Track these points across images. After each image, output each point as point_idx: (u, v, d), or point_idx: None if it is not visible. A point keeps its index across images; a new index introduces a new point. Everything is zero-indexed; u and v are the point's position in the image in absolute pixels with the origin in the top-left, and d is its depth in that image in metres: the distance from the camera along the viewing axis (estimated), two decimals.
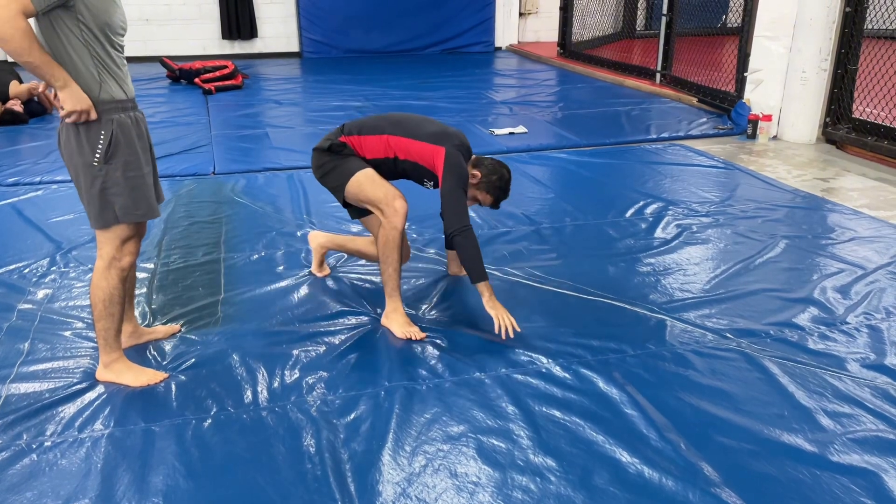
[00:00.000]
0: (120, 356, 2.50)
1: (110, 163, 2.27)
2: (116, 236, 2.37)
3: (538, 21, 11.77)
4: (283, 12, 10.47)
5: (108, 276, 2.39)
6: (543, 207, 4.28)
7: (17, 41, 2.06)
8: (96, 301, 2.41)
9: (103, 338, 2.46)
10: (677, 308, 3.04)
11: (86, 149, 2.25)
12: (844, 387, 2.48)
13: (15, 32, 2.06)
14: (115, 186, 2.30)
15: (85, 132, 2.23)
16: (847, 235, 3.82)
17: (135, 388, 2.46)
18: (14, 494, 2.00)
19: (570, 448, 2.18)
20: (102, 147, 2.24)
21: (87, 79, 2.21)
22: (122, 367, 2.50)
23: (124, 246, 2.40)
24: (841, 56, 5.48)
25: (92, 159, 2.25)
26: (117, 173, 2.29)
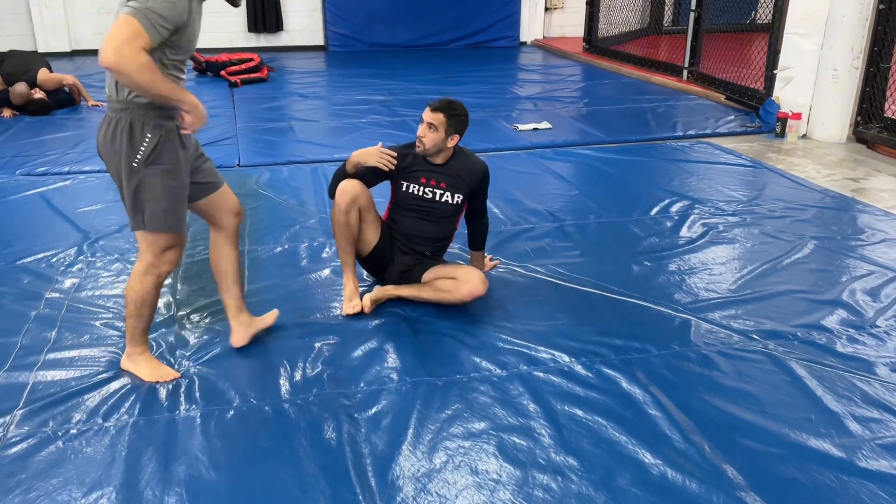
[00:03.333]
0: (144, 350, 2.53)
1: (150, 167, 2.24)
2: (156, 244, 2.35)
3: (564, 16, 11.68)
4: (309, 6, 10.48)
5: (144, 281, 2.39)
6: (567, 204, 4.25)
7: (143, 76, 2.07)
8: (129, 300, 2.43)
9: (130, 333, 2.49)
10: (702, 308, 3.00)
11: (129, 149, 2.21)
12: (873, 391, 2.44)
13: (141, 69, 2.06)
14: (150, 191, 2.26)
15: (129, 132, 2.21)
16: (877, 237, 3.75)
17: (147, 381, 2.48)
18: (40, 481, 2.03)
19: (592, 448, 2.17)
20: (146, 149, 2.22)
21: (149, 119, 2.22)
22: (141, 361, 2.52)
23: (164, 254, 2.38)
24: (873, 54, 5.37)
25: (133, 159, 2.22)
26: (156, 178, 2.26)
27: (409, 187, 2.99)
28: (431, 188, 2.98)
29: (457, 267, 3.02)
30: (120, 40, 2.03)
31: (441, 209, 3.01)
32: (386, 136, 5.69)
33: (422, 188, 2.98)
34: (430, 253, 3.10)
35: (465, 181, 3.00)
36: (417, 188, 2.99)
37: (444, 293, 2.92)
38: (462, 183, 3.00)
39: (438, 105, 2.89)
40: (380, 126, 6.06)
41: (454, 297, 2.91)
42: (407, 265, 3.06)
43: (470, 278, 2.89)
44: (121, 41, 2.03)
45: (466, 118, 2.95)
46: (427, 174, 2.98)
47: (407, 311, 2.97)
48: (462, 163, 3.01)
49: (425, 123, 2.89)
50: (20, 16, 9.61)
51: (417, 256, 3.07)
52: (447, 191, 2.98)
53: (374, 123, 6.15)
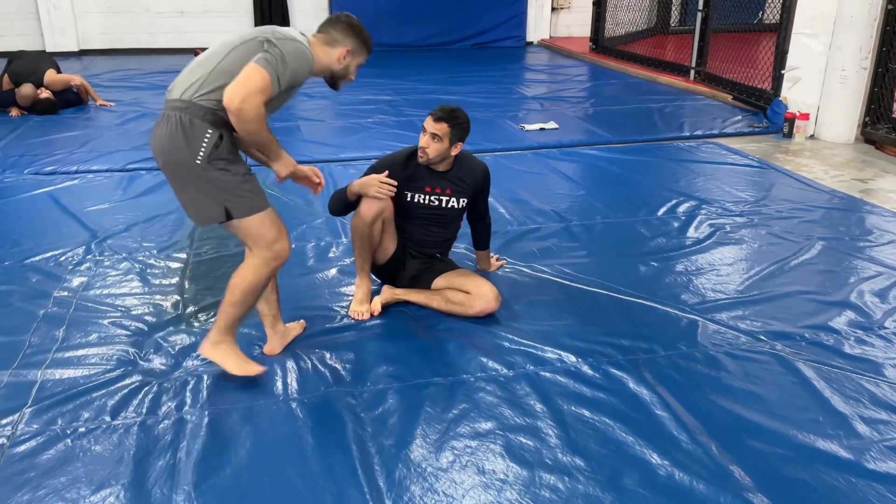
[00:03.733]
0: (232, 340, 2.47)
1: (213, 162, 2.23)
2: (262, 235, 2.34)
3: (570, 16, 11.67)
4: (316, 5, 10.50)
5: (260, 272, 2.37)
6: (574, 204, 4.25)
7: (257, 125, 2.19)
8: (236, 287, 2.38)
9: (225, 320, 2.42)
10: (710, 309, 3.00)
11: (190, 147, 2.21)
12: (882, 393, 2.43)
13: (258, 119, 2.17)
14: (225, 182, 2.26)
15: (190, 131, 2.21)
16: (885, 238, 3.74)
17: (233, 374, 2.43)
18: (49, 479, 2.04)
19: (599, 448, 2.16)
20: (207, 146, 2.22)
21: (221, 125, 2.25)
22: (227, 350, 2.45)
23: (275, 245, 2.36)
24: (882, 54, 5.35)
25: (196, 157, 2.22)
26: (224, 171, 2.26)
27: (415, 197, 2.97)
28: (437, 196, 2.98)
29: (469, 278, 2.98)
30: (249, 90, 2.12)
31: (447, 214, 3.02)
32: (392, 135, 5.70)
33: (427, 197, 2.97)
34: (439, 255, 3.12)
35: (468, 185, 3.01)
36: (423, 197, 2.97)
37: (457, 306, 2.91)
38: (465, 187, 3.00)
39: (441, 115, 2.83)
40: (386, 126, 6.06)
41: (466, 313, 2.89)
42: (417, 269, 3.06)
43: (483, 294, 2.88)
44: (249, 91, 2.12)
45: (469, 125, 2.92)
46: (431, 182, 2.96)
47: (414, 311, 2.98)
48: (464, 167, 3.00)
49: (428, 133, 2.85)
50: (28, 16, 9.66)
51: (428, 260, 3.08)
52: (452, 196, 2.99)
53: (381, 123, 6.16)
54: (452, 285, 2.97)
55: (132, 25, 10.04)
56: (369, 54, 2.54)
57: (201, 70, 2.24)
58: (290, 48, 2.22)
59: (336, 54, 2.42)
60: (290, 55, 2.20)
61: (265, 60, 2.16)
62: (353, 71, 2.51)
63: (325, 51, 2.41)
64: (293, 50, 2.22)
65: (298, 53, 2.24)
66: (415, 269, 3.06)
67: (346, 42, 2.43)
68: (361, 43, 2.46)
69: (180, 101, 2.23)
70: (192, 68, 2.29)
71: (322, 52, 2.39)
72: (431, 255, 3.09)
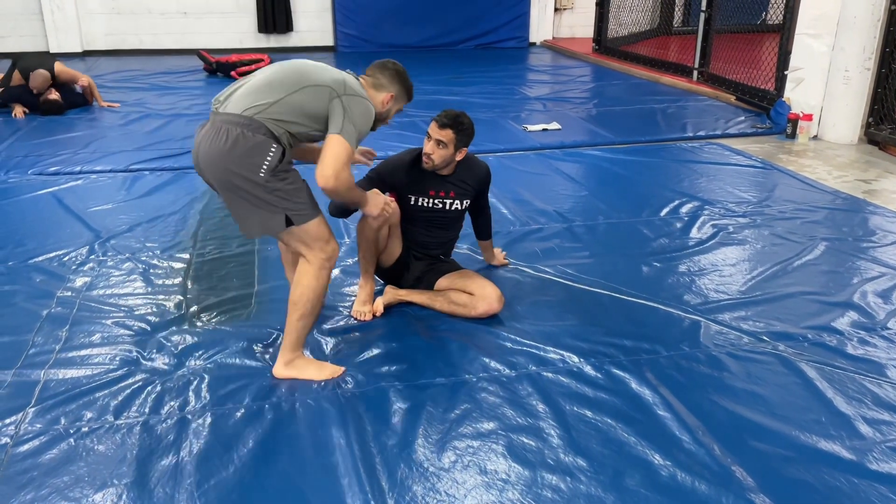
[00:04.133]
0: (301, 353, 2.53)
1: (276, 174, 2.30)
2: (319, 236, 2.39)
3: (573, 16, 11.67)
4: (319, 6, 10.52)
5: (320, 276, 2.42)
6: (577, 205, 4.25)
7: (349, 193, 2.38)
8: (304, 300, 2.42)
9: (296, 334, 2.47)
10: (712, 309, 2.99)
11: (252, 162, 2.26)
12: (885, 394, 2.43)
13: (349, 187, 2.35)
14: (286, 192, 2.32)
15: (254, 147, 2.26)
16: (889, 239, 3.73)
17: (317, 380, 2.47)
18: (52, 478, 2.04)
19: (602, 448, 2.16)
20: (271, 161, 2.28)
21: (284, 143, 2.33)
22: (303, 363, 2.52)
23: (328, 246, 2.42)
24: (885, 55, 5.35)
25: (259, 171, 2.27)
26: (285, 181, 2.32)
27: (419, 200, 2.97)
28: (441, 199, 2.99)
29: (472, 279, 2.98)
30: (338, 166, 2.28)
31: (450, 216, 3.04)
32: (395, 136, 5.69)
33: (431, 200, 2.98)
34: (443, 255, 3.13)
35: (471, 186, 3.02)
36: (427, 200, 2.98)
37: (460, 307, 2.91)
38: (468, 188, 3.02)
39: (446, 121, 2.83)
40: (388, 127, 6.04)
41: (470, 314, 2.89)
42: (421, 271, 3.07)
43: (486, 295, 2.88)
44: (339, 166, 2.28)
45: (473, 130, 2.92)
46: (435, 186, 2.97)
47: (416, 312, 2.98)
48: (466, 168, 3.00)
49: (433, 140, 2.85)
50: (32, 17, 9.69)
51: (431, 261, 3.09)
52: (456, 199, 3.00)
53: None
54: (455, 286, 2.97)
55: (136, 26, 10.07)
56: (409, 101, 2.68)
57: (269, 94, 2.31)
58: (360, 111, 2.34)
59: (380, 98, 2.54)
60: (360, 119, 2.34)
61: (347, 132, 2.29)
62: (391, 115, 2.65)
63: (373, 94, 2.53)
64: (363, 111, 2.36)
65: (367, 114, 2.38)
66: (419, 270, 3.07)
67: (391, 88, 2.56)
68: (404, 90, 2.61)
69: (240, 117, 2.28)
70: (256, 88, 2.34)
71: (370, 95, 2.51)
72: (435, 256, 3.10)
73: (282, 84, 2.33)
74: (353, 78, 2.45)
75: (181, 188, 4.51)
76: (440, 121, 2.85)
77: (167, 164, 4.97)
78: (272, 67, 2.43)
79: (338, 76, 2.38)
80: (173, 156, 5.13)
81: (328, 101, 2.31)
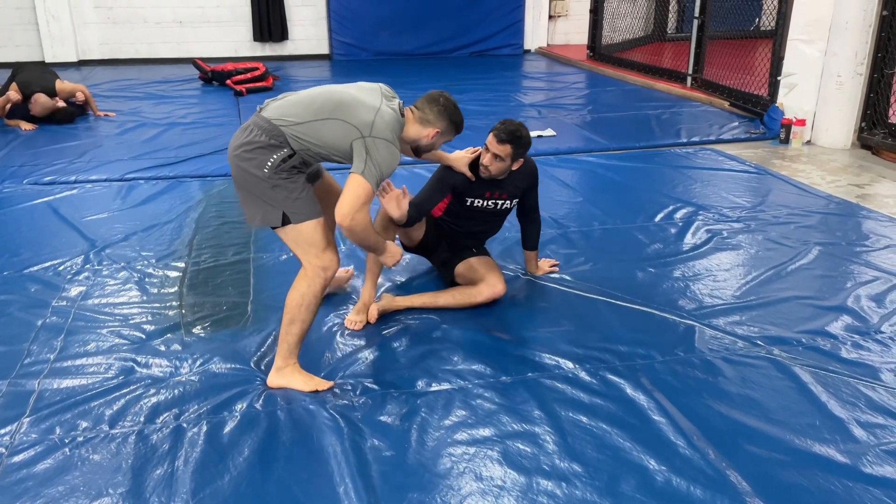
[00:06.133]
0: (294, 362, 2.53)
1: (278, 172, 2.40)
2: (314, 243, 2.44)
3: (568, 24, 11.71)
4: (314, 15, 10.54)
5: (313, 283, 2.45)
6: (571, 211, 4.26)
7: (365, 234, 2.44)
8: (294, 305, 2.46)
9: (287, 342, 2.49)
10: (707, 314, 3.00)
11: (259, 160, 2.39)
12: (878, 397, 2.43)
13: (366, 229, 2.43)
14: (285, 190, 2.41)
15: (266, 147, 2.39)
16: (882, 243, 3.75)
17: (303, 391, 2.47)
18: (47, 488, 2.04)
19: (597, 454, 2.17)
20: (275, 161, 2.39)
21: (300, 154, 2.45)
22: (291, 373, 2.52)
23: (325, 254, 2.45)
24: (877, 60, 5.38)
25: (263, 168, 2.39)
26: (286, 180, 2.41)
27: (475, 202, 3.06)
28: (494, 200, 3.08)
29: (481, 266, 3.09)
30: (356, 206, 2.34)
31: (499, 214, 3.17)
32: None
33: (485, 201, 3.07)
34: (476, 249, 3.21)
35: (521, 186, 3.13)
36: (482, 202, 3.07)
37: (465, 297, 3.02)
38: (519, 188, 3.12)
39: (505, 137, 2.86)
40: None
41: (475, 301, 3.01)
42: (448, 256, 3.18)
43: (490, 280, 3.02)
44: (357, 207, 2.34)
45: (530, 141, 2.97)
46: (492, 188, 3.05)
47: (410, 319, 2.98)
48: (519, 170, 3.06)
49: (490, 154, 2.89)
50: (28, 27, 9.70)
51: (464, 252, 3.18)
52: (508, 199, 3.11)
53: None
54: (469, 271, 3.09)
55: (131, 36, 10.08)
56: (458, 134, 2.68)
57: (301, 114, 2.42)
58: (384, 154, 2.38)
59: (426, 133, 2.58)
60: (384, 162, 2.38)
61: (368, 173, 2.35)
62: (437, 147, 2.71)
63: (417, 129, 2.57)
64: (387, 155, 2.39)
65: (391, 158, 2.41)
66: (446, 255, 3.19)
67: (438, 124, 2.58)
68: (452, 126, 2.61)
69: (268, 123, 2.41)
70: (293, 103, 2.46)
71: (414, 129, 2.57)
72: (470, 248, 3.19)
73: (315, 108, 2.42)
74: (389, 113, 2.45)
75: (177, 197, 4.52)
76: (499, 136, 2.87)
77: (163, 173, 4.97)
78: (320, 88, 2.54)
79: (367, 117, 2.39)
80: (169, 164, 5.13)
81: (351, 139, 2.38)
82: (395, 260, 2.66)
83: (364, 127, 2.37)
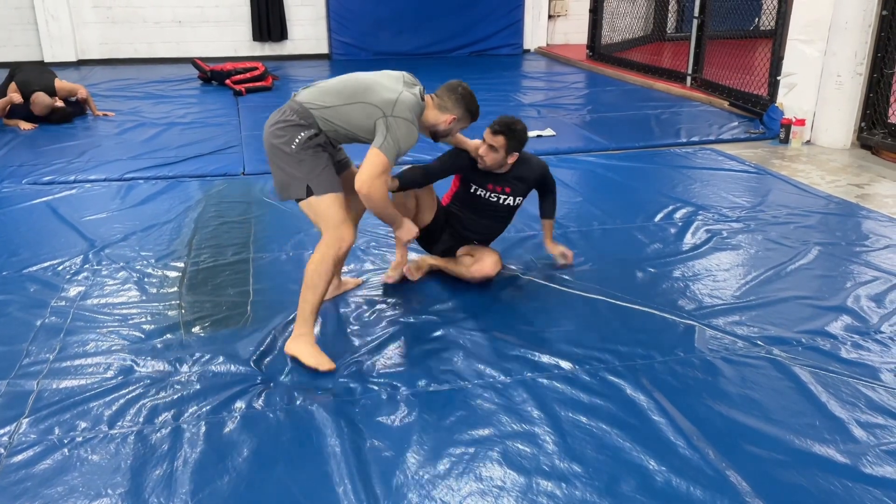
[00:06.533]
0: (309, 332, 2.65)
1: (303, 150, 2.61)
2: (331, 216, 2.62)
3: (567, 23, 11.71)
4: (314, 15, 10.53)
5: (328, 253, 2.62)
6: (571, 211, 4.25)
7: (382, 203, 2.63)
8: (310, 272, 2.63)
9: (303, 309, 2.65)
10: (707, 314, 3.00)
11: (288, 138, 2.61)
12: (878, 397, 2.43)
13: (383, 198, 2.62)
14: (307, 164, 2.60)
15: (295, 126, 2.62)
16: (882, 243, 3.75)
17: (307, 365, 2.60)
18: (45, 488, 2.04)
19: (596, 454, 2.17)
20: (301, 140, 2.60)
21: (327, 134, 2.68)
22: (303, 344, 2.64)
23: (341, 228, 2.62)
24: (877, 60, 5.38)
25: (291, 145, 2.61)
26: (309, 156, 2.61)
27: (478, 190, 3.18)
28: (497, 193, 3.18)
29: (481, 249, 3.25)
30: (373, 175, 2.54)
31: (501, 210, 3.25)
32: None
33: (488, 193, 3.18)
34: (477, 241, 3.33)
35: (527, 184, 3.24)
36: (484, 192, 3.18)
37: (463, 268, 3.21)
38: (524, 186, 3.23)
39: (498, 128, 3.00)
40: None
41: (466, 276, 3.19)
42: (450, 245, 3.31)
43: (483, 261, 3.16)
44: (374, 175, 2.54)
45: (525, 135, 3.09)
46: (494, 181, 3.16)
47: (411, 319, 2.98)
48: (523, 167, 3.22)
49: (486, 145, 3.02)
50: (27, 27, 9.69)
51: (465, 242, 3.31)
52: (511, 195, 3.20)
53: None
54: (470, 251, 3.26)
55: (130, 35, 10.07)
56: (473, 122, 2.87)
57: (330, 99, 2.64)
58: (403, 132, 2.56)
59: (444, 119, 2.77)
60: (403, 139, 2.57)
61: (386, 147, 2.54)
62: (455, 132, 2.90)
63: (436, 114, 2.77)
64: (406, 133, 2.57)
65: (410, 136, 2.59)
66: (449, 244, 3.30)
67: (455, 111, 2.77)
68: (468, 114, 2.80)
69: (301, 106, 2.63)
70: (325, 90, 2.67)
71: (433, 115, 2.76)
72: (470, 241, 3.31)
73: (343, 94, 2.64)
74: (410, 97, 2.63)
75: (176, 197, 4.51)
76: (493, 127, 3.04)
77: (162, 173, 4.97)
78: (349, 76, 2.74)
79: (390, 97, 2.60)
80: (168, 164, 5.13)
81: (375, 119, 2.58)
82: (410, 236, 2.84)
83: (386, 107, 2.57)
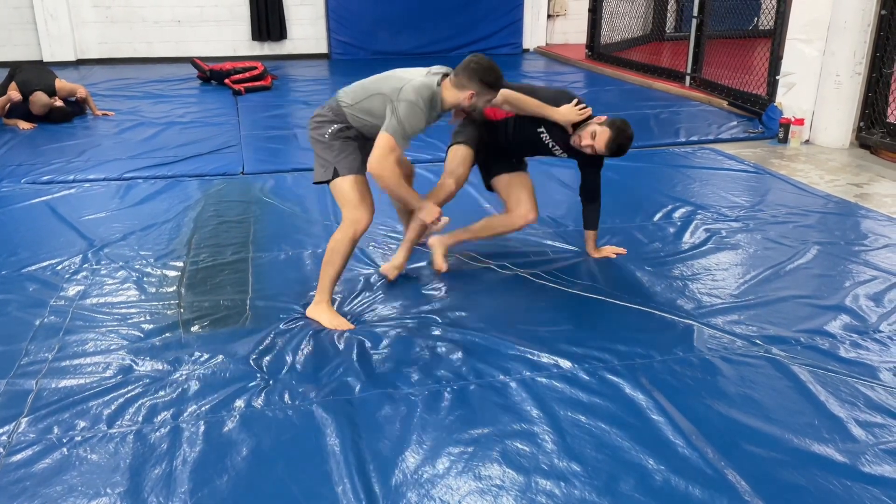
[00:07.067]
0: (328, 300, 2.93)
1: (334, 139, 2.88)
2: (350, 197, 2.83)
3: (566, 23, 11.71)
4: (313, 14, 10.53)
5: (344, 232, 2.85)
6: (570, 210, 4.25)
7: (394, 181, 2.76)
8: (329, 248, 2.89)
9: (323, 280, 2.92)
10: (705, 314, 3.00)
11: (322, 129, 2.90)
12: (877, 396, 2.44)
13: (394, 176, 2.74)
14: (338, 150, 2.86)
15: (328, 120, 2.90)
16: (881, 242, 3.75)
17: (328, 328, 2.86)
18: (44, 488, 2.04)
19: (595, 453, 2.17)
20: (333, 130, 2.88)
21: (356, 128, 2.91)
22: (322, 309, 2.92)
23: (358, 210, 2.83)
24: (876, 59, 5.38)
25: (325, 134, 2.89)
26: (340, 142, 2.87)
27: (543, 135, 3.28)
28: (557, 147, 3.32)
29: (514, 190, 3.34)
30: (383, 155, 2.70)
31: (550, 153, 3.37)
32: None
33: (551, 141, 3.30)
34: (516, 161, 3.43)
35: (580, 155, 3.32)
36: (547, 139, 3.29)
37: (501, 227, 3.39)
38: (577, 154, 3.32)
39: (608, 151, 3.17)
40: None
41: (511, 229, 3.38)
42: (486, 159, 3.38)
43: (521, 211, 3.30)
44: (383, 155, 2.70)
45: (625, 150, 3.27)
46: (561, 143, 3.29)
47: (409, 318, 2.98)
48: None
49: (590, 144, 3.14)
50: (26, 26, 9.68)
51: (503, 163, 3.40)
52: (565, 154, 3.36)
53: None
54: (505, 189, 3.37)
55: (129, 35, 10.07)
56: (496, 92, 2.91)
57: (355, 97, 2.88)
58: (406, 112, 2.71)
59: (463, 96, 2.83)
60: (405, 118, 2.71)
61: (391, 127, 2.71)
62: (481, 107, 3.02)
63: (454, 93, 2.84)
64: (409, 113, 2.71)
65: (413, 116, 2.72)
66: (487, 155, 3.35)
67: (472, 86, 2.81)
68: (485, 86, 2.82)
69: (336, 103, 2.91)
70: (354, 89, 2.91)
71: (451, 94, 2.84)
72: (508, 159, 3.40)
73: (368, 89, 2.85)
74: (419, 82, 2.76)
75: (175, 196, 4.51)
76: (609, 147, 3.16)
77: (161, 172, 4.97)
78: (377, 75, 2.92)
79: (399, 85, 2.76)
80: (167, 164, 5.13)
81: (385, 105, 2.77)
82: (433, 216, 2.88)
83: (393, 93, 2.75)
